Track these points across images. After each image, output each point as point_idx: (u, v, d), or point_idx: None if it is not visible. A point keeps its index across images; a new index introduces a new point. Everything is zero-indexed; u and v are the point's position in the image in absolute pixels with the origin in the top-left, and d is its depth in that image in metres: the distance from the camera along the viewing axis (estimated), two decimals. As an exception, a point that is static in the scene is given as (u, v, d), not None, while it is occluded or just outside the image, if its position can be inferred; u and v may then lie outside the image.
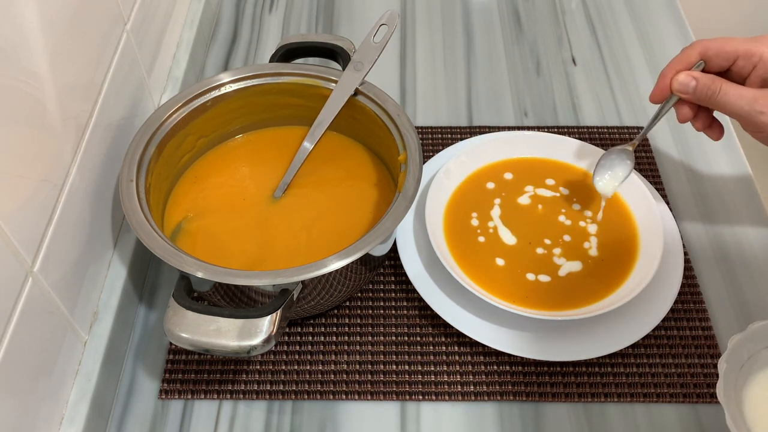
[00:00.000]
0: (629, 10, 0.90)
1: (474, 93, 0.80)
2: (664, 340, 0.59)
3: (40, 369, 0.48)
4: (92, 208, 0.55)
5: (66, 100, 0.50)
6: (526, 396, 0.57)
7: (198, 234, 0.59)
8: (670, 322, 0.60)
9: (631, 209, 0.64)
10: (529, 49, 0.85)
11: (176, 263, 0.50)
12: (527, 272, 0.60)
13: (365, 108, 0.61)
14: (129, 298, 0.60)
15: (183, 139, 0.61)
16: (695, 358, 0.58)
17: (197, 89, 0.61)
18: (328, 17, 0.89)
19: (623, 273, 0.60)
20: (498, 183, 0.66)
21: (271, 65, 0.63)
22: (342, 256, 0.50)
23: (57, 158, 0.49)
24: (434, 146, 0.74)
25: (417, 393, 0.57)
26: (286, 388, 0.57)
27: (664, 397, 0.56)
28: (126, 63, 0.61)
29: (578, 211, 0.64)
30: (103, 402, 0.55)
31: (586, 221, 0.63)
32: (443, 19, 0.89)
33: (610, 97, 0.80)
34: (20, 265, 0.44)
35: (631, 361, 0.58)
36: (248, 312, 0.47)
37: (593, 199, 0.65)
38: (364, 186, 0.62)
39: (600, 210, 0.63)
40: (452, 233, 0.62)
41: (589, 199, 0.65)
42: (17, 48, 0.43)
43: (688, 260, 0.64)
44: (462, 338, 0.59)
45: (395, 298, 0.62)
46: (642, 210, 0.63)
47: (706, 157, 0.73)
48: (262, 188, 0.62)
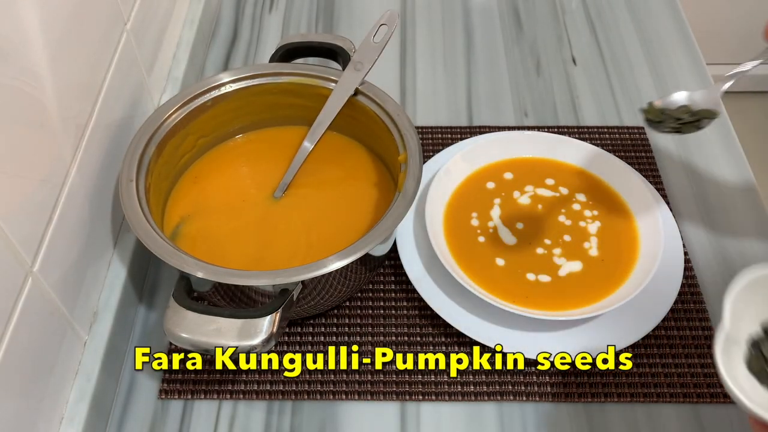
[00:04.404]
0: (629, 10, 0.90)
1: (474, 93, 0.80)
2: (664, 340, 0.59)
3: (40, 369, 0.48)
4: (92, 208, 0.55)
5: (66, 100, 0.50)
6: (526, 396, 0.57)
7: (198, 234, 0.59)
8: (670, 322, 0.60)
9: (631, 209, 0.64)
10: (529, 49, 0.85)
11: (176, 263, 0.50)
12: (527, 272, 0.60)
13: (365, 108, 0.61)
14: (129, 298, 0.60)
15: (183, 139, 0.61)
16: (695, 358, 0.58)
17: (197, 89, 0.61)
18: (328, 17, 0.89)
19: (623, 273, 0.60)
20: (498, 183, 0.66)
21: (271, 65, 0.63)
22: (342, 256, 0.50)
23: (57, 158, 0.49)
24: (434, 146, 0.74)
25: (417, 393, 0.57)
26: (286, 388, 0.57)
27: (664, 397, 0.56)
28: (126, 63, 0.61)
29: (578, 211, 0.64)
30: (103, 402, 0.55)
31: (586, 221, 0.63)
32: (443, 19, 0.89)
33: (610, 97, 0.80)
34: (20, 265, 0.44)
35: (631, 361, 0.58)
36: (248, 312, 0.47)
37: (593, 199, 0.65)
38: (364, 186, 0.62)
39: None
40: (452, 233, 0.62)
41: (589, 199, 0.65)
42: (17, 48, 0.43)
43: (688, 260, 0.64)
44: (462, 338, 0.59)
45: (395, 298, 0.62)
46: (642, 210, 0.63)
47: (706, 157, 0.73)
48: (262, 188, 0.62)
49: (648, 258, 0.59)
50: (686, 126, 0.54)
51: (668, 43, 0.85)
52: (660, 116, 0.55)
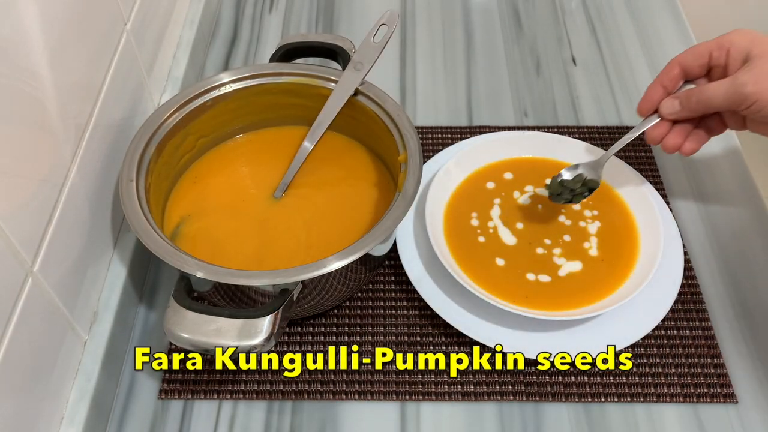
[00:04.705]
0: (629, 10, 0.90)
1: (474, 93, 0.80)
2: (664, 340, 0.59)
3: (40, 369, 0.48)
4: (92, 208, 0.55)
5: (66, 100, 0.50)
6: (526, 396, 0.57)
7: (198, 234, 0.59)
8: (670, 322, 0.60)
9: (631, 209, 0.64)
10: (529, 49, 0.85)
11: (176, 263, 0.49)
12: (527, 272, 0.60)
13: (365, 108, 0.61)
14: (129, 298, 0.60)
15: (183, 139, 0.61)
16: (695, 358, 0.58)
17: (197, 89, 0.61)
18: (328, 17, 0.89)
19: (623, 273, 0.60)
20: (498, 183, 0.66)
21: (271, 65, 0.63)
22: (342, 256, 0.50)
23: (57, 158, 0.49)
24: (434, 146, 0.74)
25: (417, 393, 0.57)
26: (286, 388, 0.57)
27: (664, 397, 0.56)
28: (126, 63, 0.61)
29: (578, 211, 0.64)
30: (103, 402, 0.55)
31: (586, 221, 0.63)
32: (443, 19, 0.89)
33: (610, 97, 0.80)
34: (20, 265, 0.44)
35: (631, 361, 0.58)
36: (248, 312, 0.47)
37: (593, 199, 0.65)
38: (364, 186, 0.62)
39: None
40: (452, 233, 0.62)
41: (589, 199, 0.65)
42: (17, 48, 0.43)
43: (688, 260, 0.64)
44: (462, 338, 0.59)
45: (395, 298, 0.62)
46: (642, 210, 0.63)
47: (706, 157, 0.73)
48: (262, 188, 0.62)
49: (648, 258, 0.59)
50: (577, 196, 0.62)
51: (668, 44, 0.85)
52: (559, 189, 0.62)
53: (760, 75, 0.53)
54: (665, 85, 0.60)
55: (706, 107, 0.57)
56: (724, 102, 0.55)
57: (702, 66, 0.58)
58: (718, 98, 0.56)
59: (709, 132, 0.60)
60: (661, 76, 0.60)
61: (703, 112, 0.58)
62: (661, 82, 0.60)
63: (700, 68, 0.59)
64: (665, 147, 0.60)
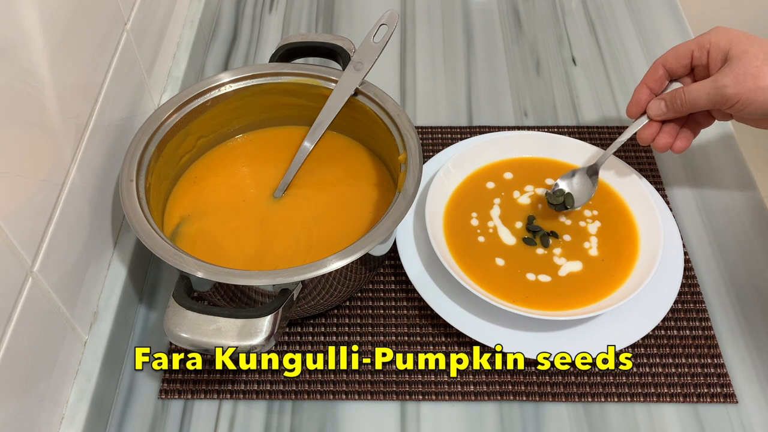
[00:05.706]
0: (629, 10, 0.90)
1: (474, 93, 0.80)
2: (664, 340, 0.59)
3: (40, 369, 0.48)
4: (92, 208, 0.55)
5: (66, 100, 0.50)
6: (526, 396, 0.57)
7: (198, 234, 0.59)
8: (670, 322, 0.60)
9: (631, 209, 0.64)
10: (529, 49, 0.85)
11: (176, 263, 0.50)
12: (527, 272, 0.60)
13: (365, 108, 0.61)
14: (129, 298, 0.60)
15: (183, 139, 0.61)
16: (695, 358, 0.58)
17: (197, 89, 0.61)
18: (328, 17, 0.89)
19: (623, 273, 0.60)
20: (498, 183, 0.66)
21: (271, 65, 0.63)
22: (342, 256, 0.50)
23: (57, 158, 0.49)
24: (434, 146, 0.74)
25: (417, 393, 0.57)
26: (286, 388, 0.57)
27: (664, 397, 0.56)
28: (126, 63, 0.61)
29: (578, 211, 0.64)
30: (103, 402, 0.55)
31: (586, 221, 0.63)
32: (443, 19, 0.89)
33: (610, 97, 0.80)
34: (20, 265, 0.44)
35: (631, 361, 0.58)
36: (248, 312, 0.47)
37: (593, 199, 0.65)
38: (364, 186, 0.62)
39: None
40: (452, 233, 0.62)
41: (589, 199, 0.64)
42: (17, 48, 0.43)
43: (688, 260, 0.64)
44: (462, 338, 0.59)
45: (395, 298, 0.62)
46: (642, 210, 0.63)
47: (706, 157, 0.73)
48: (262, 188, 0.62)
49: (648, 258, 0.59)
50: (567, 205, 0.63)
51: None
52: (558, 199, 0.63)
53: (739, 76, 0.55)
54: (651, 86, 0.62)
55: (691, 108, 0.59)
56: (708, 103, 0.58)
57: (685, 66, 0.60)
58: (701, 100, 0.58)
59: (698, 126, 0.62)
60: (647, 78, 0.62)
61: (689, 112, 0.60)
62: (647, 83, 0.62)
63: (683, 68, 0.60)
64: (656, 146, 0.62)
